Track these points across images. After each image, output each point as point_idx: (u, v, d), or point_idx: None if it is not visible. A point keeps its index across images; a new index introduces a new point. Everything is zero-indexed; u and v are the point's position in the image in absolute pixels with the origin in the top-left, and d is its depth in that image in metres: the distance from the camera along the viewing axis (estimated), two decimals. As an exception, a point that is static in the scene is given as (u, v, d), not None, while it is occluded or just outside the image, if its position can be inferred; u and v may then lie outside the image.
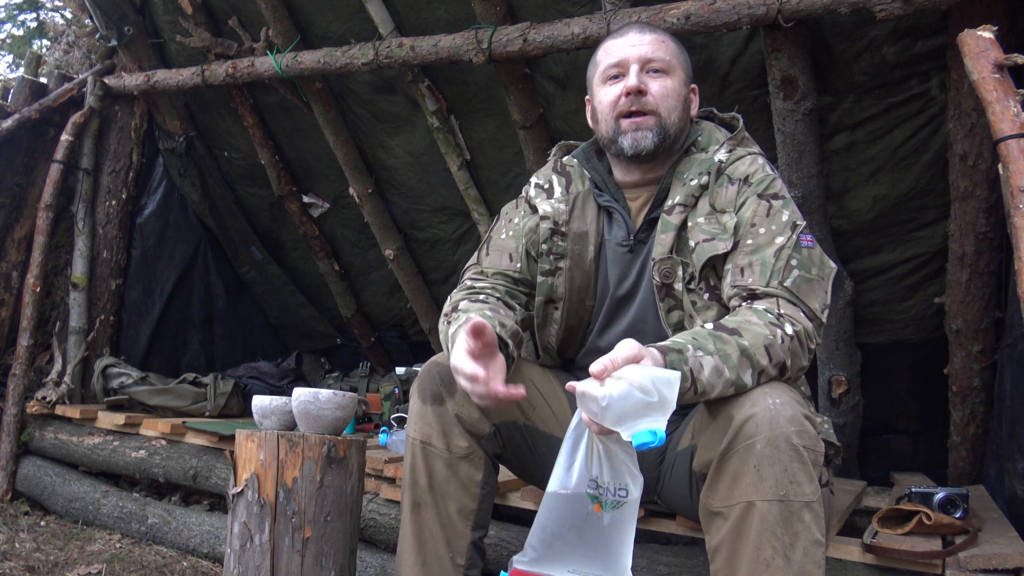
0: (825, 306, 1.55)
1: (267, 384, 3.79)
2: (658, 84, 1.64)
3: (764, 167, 1.64)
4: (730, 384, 1.39)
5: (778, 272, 1.51)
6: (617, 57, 1.66)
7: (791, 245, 1.54)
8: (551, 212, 1.75)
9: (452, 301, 1.73)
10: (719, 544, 1.39)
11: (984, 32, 1.80)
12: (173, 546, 2.72)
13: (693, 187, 1.64)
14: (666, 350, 1.35)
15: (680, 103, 1.66)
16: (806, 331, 1.47)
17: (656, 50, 1.65)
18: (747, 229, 1.57)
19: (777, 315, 1.47)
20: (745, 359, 1.39)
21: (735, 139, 1.69)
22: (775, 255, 1.53)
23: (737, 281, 1.55)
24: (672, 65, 1.66)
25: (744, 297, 1.53)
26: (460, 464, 1.63)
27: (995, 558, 1.66)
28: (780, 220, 1.57)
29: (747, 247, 1.56)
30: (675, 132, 1.66)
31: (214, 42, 3.23)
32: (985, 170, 2.24)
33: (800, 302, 1.50)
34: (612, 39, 1.71)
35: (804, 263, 1.53)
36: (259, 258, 3.92)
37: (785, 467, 1.33)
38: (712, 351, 1.38)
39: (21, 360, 3.26)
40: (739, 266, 1.56)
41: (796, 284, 1.51)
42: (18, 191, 3.46)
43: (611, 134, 1.68)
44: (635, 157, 1.66)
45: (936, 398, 2.71)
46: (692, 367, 1.35)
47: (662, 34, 1.69)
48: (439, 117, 2.99)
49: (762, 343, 1.41)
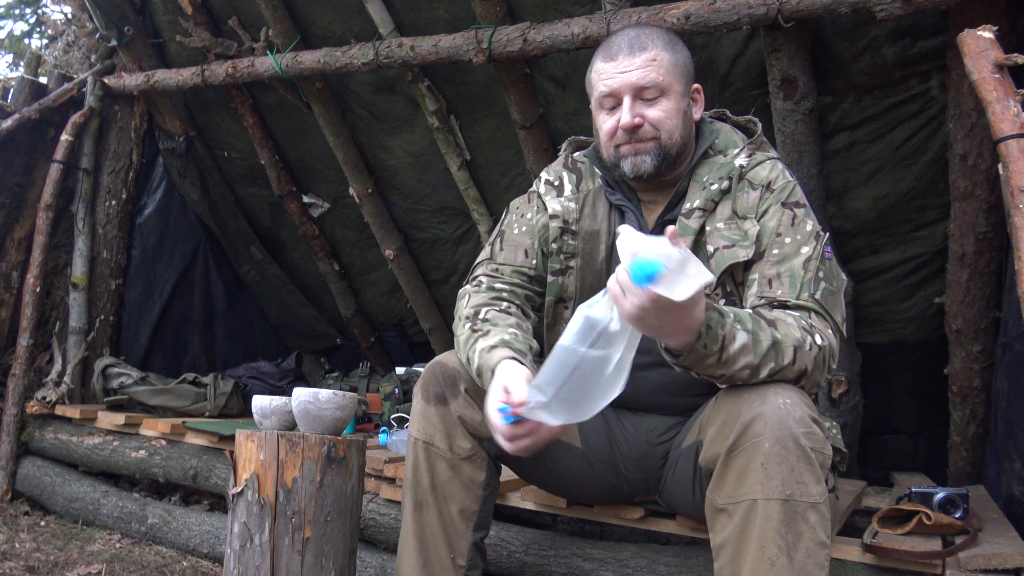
0: (844, 319, 1.55)
1: (267, 384, 3.79)
2: (654, 111, 1.60)
3: (784, 173, 1.63)
4: (747, 368, 1.38)
5: (808, 284, 1.51)
6: (609, 87, 1.61)
7: (817, 256, 1.53)
8: (561, 211, 1.74)
9: (472, 304, 1.70)
10: (724, 541, 1.39)
11: (984, 32, 1.80)
12: (173, 546, 2.72)
13: (713, 191, 1.63)
14: (709, 306, 1.33)
15: (680, 120, 1.62)
16: (831, 347, 1.47)
17: (648, 74, 1.59)
18: (772, 239, 1.56)
19: (809, 324, 1.46)
20: (773, 351, 1.39)
21: (755, 143, 1.68)
22: (804, 266, 1.52)
23: (765, 292, 1.53)
24: (667, 84, 1.60)
25: (774, 307, 1.51)
26: (463, 465, 1.63)
27: (995, 558, 1.66)
28: (804, 230, 1.56)
29: (773, 257, 1.55)
30: (677, 149, 1.64)
31: (214, 42, 3.23)
32: (985, 170, 2.24)
33: (828, 316, 1.50)
34: (602, 61, 1.64)
35: (828, 275, 1.53)
36: (259, 258, 3.92)
37: (792, 467, 1.33)
38: (749, 329, 1.37)
39: (21, 360, 3.26)
40: (767, 276, 1.54)
41: (824, 296, 1.51)
42: (18, 191, 3.46)
43: (612, 159, 1.67)
44: (636, 179, 1.65)
45: (936, 398, 2.71)
46: (726, 334, 1.34)
47: (653, 47, 1.60)
48: (439, 117, 2.99)
49: (792, 343, 1.41)
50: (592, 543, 2.07)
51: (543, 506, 2.11)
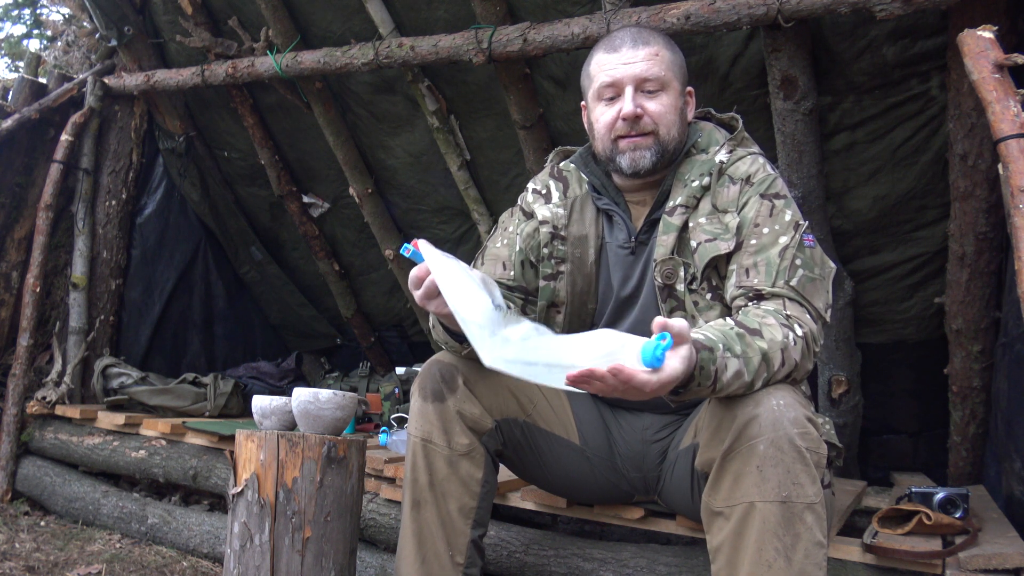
0: (828, 305, 1.55)
1: (267, 384, 3.79)
2: (655, 103, 1.62)
3: (765, 167, 1.64)
4: (743, 386, 1.39)
5: (784, 272, 1.51)
6: (611, 77, 1.62)
7: (795, 245, 1.54)
8: (550, 216, 1.75)
9: None
10: (720, 544, 1.39)
11: (984, 32, 1.80)
12: (173, 546, 2.72)
13: (694, 188, 1.63)
14: (700, 346, 1.33)
15: (678, 116, 1.65)
16: (812, 334, 1.47)
17: (651, 67, 1.61)
18: (750, 229, 1.57)
19: (785, 316, 1.47)
20: (764, 363, 1.39)
21: (735, 139, 1.69)
22: (780, 255, 1.53)
23: (743, 281, 1.54)
24: (667, 79, 1.62)
25: (750, 298, 1.52)
26: (461, 461, 1.64)
27: (995, 558, 1.67)
28: (783, 220, 1.57)
29: (751, 247, 1.56)
30: (674, 146, 1.65)
31: (214, 42, 3.23)
32: (985, 170, 2.24)
33: (806, 302, 1.50)
34: (605, 52, 1.66)
35: (808, 263, 1.54)
36: (259, 258, 3.92)
37: (788, 468, 1.33)
38: (738, 354, 1.36)
39: (21, 360, 3.26)
40: (744, 266, 1.55)
41: (801, 284, 1.51)
42: (18, 191, 3.46)
43: (608, 153, 1.67)
44: (633, 175, 1.66)
45: (936, 398, 2.71)
46: (718, 367, 1.34)
47: (655, 43, 1.64)
48: (439, 117, 2.99)
49: (779, 347, 1.41)
50: (592, 543, 2.07)
51: (543, 506, 2.11)
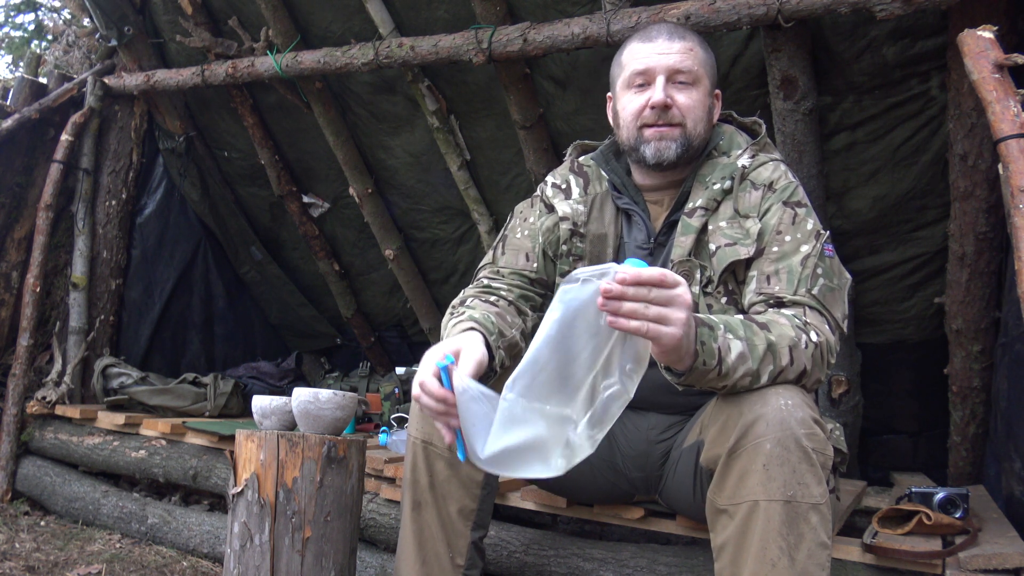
0: (845, 316, 1.55)
1: (267, 384, 3.79)
2: (684, 96, 1.62)
3: (787, 174, 1.64)
4: (748, 375, 1.38)
5: (805, 280, 1.51)
6: (644, 64, 1.63)
7: (816, 253, 1.53)
8: (570, 213, 1.75)
9: (463, 295, 1.71)
10: (724, 542, 1.39)
11: (984, 32, 1.80)
12: (173, 546, 2.72)
13: (715, 191, 1.63)
14: (699, 322, 1.33)
15: (705, 113, 1.65)
16: (828, 343, 1.47)
17: (684, 60, 1.61)
18: (772, 236, 1.57)
19: (803, 322, 1.46)
20: (770, 354, 1.38)
21: (758, 144, 1.69)
22: (802, 263, 1.53)
23: (763, 288, 1.54)
24: (699, 75, 1.63)
25: (771, 304, 1.52)
26: (461, 464, 1.63)
27: (995, 558, 1.66)
28: (805, 228, 1.57)
29: (773, 254, 1.56)
30: (699, 142, 1.65)
31: (214, 42, 3.23)
32: (985, 170, 2.24)
33: (826, 311, 1.50)
34: (639, 41, 1.66)
35: (828, 272, 1.53)
36: (259, 258, 3.92)
37: (794, 468, 1.33)
38: (742, 337, 1.37)
39: (21, 360, 3.26)
40: (765, 273, 1.55)
41: (822, 293, 1.51)
42: (18, 191, 3.46)
43: (633, 142, 1.66)
44: (656, 166, 1.65)
45: (936, 398, 2.71)
46: (720, 346, 1.34)
47: (691, 40, 1.64)
48: (439, 117, 2.99)
49: (787, 343, 1.40)
50: (592, 543, 2.07)
51: (543, 506, 2.11)
